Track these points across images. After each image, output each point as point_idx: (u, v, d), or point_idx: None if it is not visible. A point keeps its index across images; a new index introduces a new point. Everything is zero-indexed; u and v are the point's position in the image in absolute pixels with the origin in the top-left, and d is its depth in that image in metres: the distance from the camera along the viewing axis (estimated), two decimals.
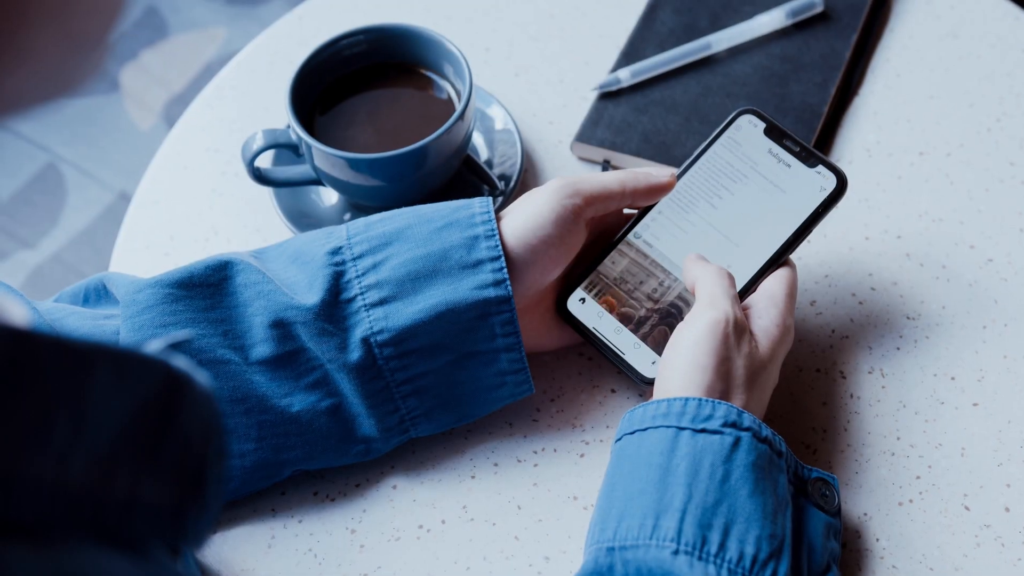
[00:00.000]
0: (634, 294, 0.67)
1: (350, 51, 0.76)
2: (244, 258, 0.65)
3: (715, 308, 0.62)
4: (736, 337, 0.61)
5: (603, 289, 0.67)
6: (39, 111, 0.31)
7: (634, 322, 0.66)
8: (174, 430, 0.32)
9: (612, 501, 0.58)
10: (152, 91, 1.77)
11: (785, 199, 0.67)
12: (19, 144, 1.72)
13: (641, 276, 0.67)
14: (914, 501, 0.64)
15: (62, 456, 0.28)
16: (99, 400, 0.30)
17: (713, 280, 0.64)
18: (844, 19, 0.84)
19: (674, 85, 0.81)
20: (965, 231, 0.74)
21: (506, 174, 0.77)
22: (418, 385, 0.64)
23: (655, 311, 0.66)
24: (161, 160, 0.84)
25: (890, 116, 0.80)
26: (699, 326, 0.61)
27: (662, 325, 0.66)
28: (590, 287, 0.67)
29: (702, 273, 0.64)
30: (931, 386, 0.68)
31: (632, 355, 0.66)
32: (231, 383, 0.63)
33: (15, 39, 0.26)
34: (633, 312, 0.66)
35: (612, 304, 0.67)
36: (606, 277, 0.67)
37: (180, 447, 0.33)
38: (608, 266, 0.67)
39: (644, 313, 0.66)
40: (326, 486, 0.66)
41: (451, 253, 0.64)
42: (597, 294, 0.67)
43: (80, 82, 0.30)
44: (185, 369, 0.33)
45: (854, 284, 0.72)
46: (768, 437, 0.59)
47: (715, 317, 0.61)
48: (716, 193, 0.68)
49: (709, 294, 0.63)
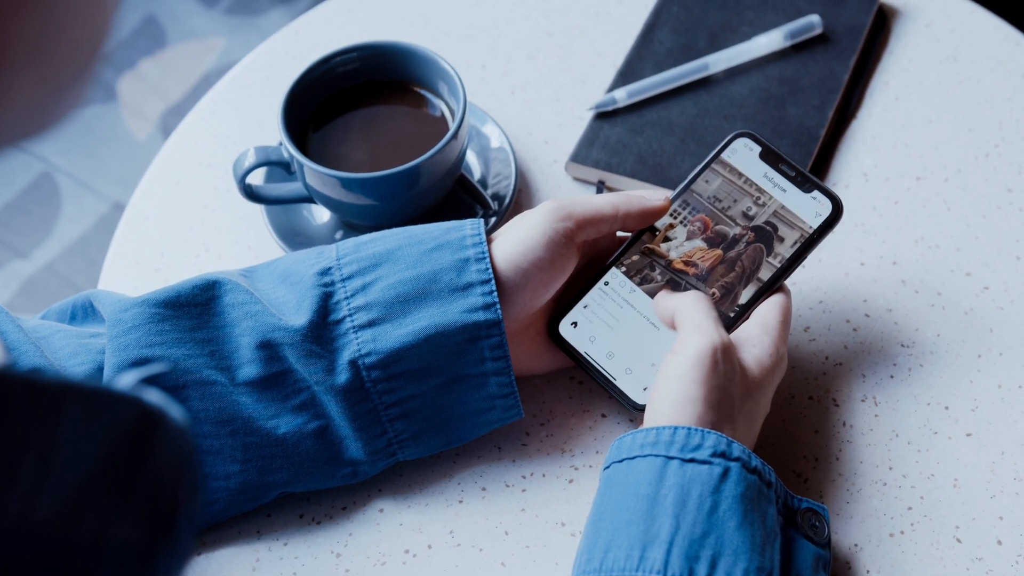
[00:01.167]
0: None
1: (344, 68, 0.75)
2: (232, 278, 0.64)
3: (702, 334, 0.61)
4: (725, 363, 0.60)
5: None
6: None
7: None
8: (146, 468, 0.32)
9: (599, 531, 0.58)
10: (149, 101, 1.77)
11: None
12: (14, 153, 1.72)
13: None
14: (905, 532, 0.63)
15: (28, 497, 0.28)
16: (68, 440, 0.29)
17: (693, 306, 0.63)
18: (843, 41, 0.83)
19: (671, 106, 0.81)
20: (962, 258, 0.74)
21: (500, 193, 0.77)
22: (406, 408, 0.63)
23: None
24: (153, 174, 0.83)
25: (888, 140, 0.80)
26: (688, 355, 0.60)
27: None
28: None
29: (679, 303, 0.64)
30: (924, 415, 0.67)
31: (623, 381, 0.65)
32: (216, 404, 0.62)
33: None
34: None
35: (707, 222, 0.66)
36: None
37: (152, 485, 0.32)
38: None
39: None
40: (312, 508, 0.66)
41: (441, 275, 0.63)
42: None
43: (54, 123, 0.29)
44: (159, 404, 0.32)
45: (849, 310, 0.72)
46: (758, 467, 0.58)
47: (703, 345, 0.60)
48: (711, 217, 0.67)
49: (693, 321, 0.62)
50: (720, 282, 0.66)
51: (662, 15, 0.86)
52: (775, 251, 0.65)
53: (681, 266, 0.66)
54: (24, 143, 0.29)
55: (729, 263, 0.66)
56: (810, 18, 0.83)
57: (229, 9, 1.87)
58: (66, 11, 0.27)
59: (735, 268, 0.66)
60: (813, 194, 0.66)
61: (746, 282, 0.65)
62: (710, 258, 0.66)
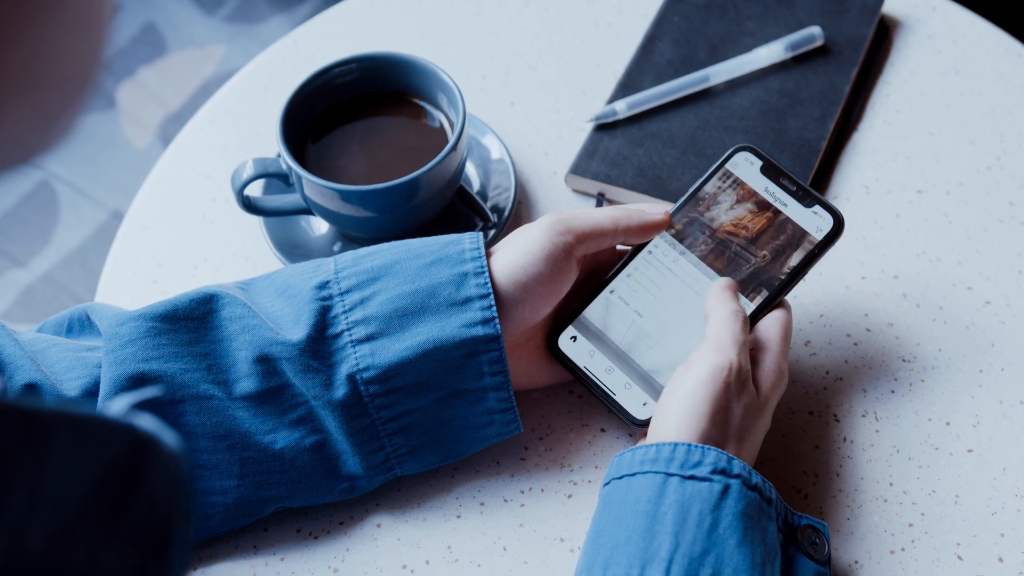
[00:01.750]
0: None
1: (342, 79, 0.75)
2: (230, 291, 0.64)
3: (720, 354, 0.60)
4: (737, 386, 0.60)
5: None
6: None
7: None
8: (138, 494, 0.31)
9: (598, 548, 0.57)
10: (149, 109, 1.77)
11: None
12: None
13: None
14: (906, 549, 0.63)
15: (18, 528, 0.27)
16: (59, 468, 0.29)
17: (724, 322, 0.62)
18: (844, 53, 0.83)
19: (671, 118, 0.80)
20: (963, 272, 0.73)
21: (499, 205, 0.76)
22: (404, 423, 0.63)
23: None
24: (152, 184, 0.83)
25: (889, 153, 0.79)
26: (701, 371, 0.60)
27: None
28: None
29: (717, 310, 0.63)
30: (925, 431, 0.67)
31: (623, 396, 0.65)
32: (214, 419, 0.62)
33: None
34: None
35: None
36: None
37: (144, 511, 0.31)
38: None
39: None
40: (309, 523, 0.65)
41: (439, 290, 0.63)
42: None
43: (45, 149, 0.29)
44: (151, 430, 0.32)
45: (849, 324, 0.71)
46: (758, 484, 0.58)
47: (718, 364, 0.60)
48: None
49: (717, 337, 0.61)
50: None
51: (662, 26, 0.86)
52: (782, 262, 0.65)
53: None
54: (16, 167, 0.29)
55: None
56: (811, 30, 0.83)
57: (229, 17, 1.86)
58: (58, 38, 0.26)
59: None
60: (814, 209, 0.66)
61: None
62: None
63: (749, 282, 0.65)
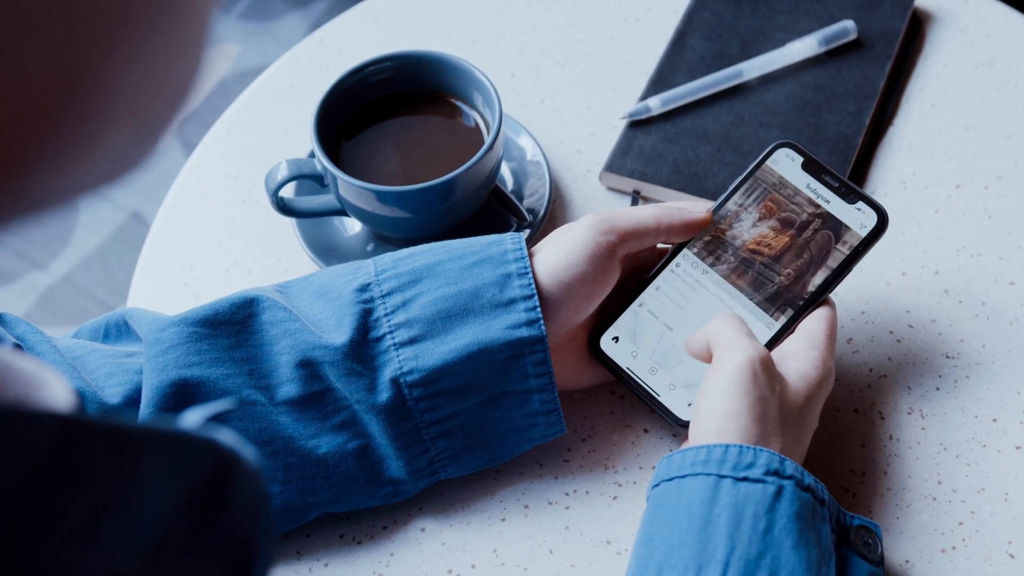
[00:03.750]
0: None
1: (376, 78, 0.74)
2: (269, 294, 0.63)
3: (740, 350, 0.60)
4: (766, 376, 0.59)
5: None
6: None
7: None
8: (222, 511, 0.31)
9: (651, 551, 0.56)
10: None
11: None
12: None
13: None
14: (957, 548, 0.62)
15: (112, 550, 0.27)
16: (149, 487, 0.28)
17: (724, 326, 0.62)
18: (878, 47, 0.82)
19: (705, 114, 0.80)
20: (1004, 267, 0.72)
21: (534, 205, 0.76)
22: (448, 426, 0.62)
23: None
24: (180, 187, 0.82)
25: (925, 147, 0.79)
26: (727, 371, 0.59)
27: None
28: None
29: (710, 328, 0.62)
30: (972, 428, 0.66)
31: (667, 396, 0.64)
32: (257, 424, 0.61)
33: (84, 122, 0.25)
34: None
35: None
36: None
37: (228, 529, 0.31)
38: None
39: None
40: (353, 528, 0.65)
41: (483, 291, 0.62)
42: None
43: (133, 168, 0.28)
44: (233, 446, 0.31)
45: (892, 321, 0.71)
46: (811, 485, 0.57)
47: (741, 360, 0.59)
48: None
49: (726, 339, 0.61)
50: (791, 267, 0.65)
51: (693, 21, 0.85)
52: (844, 238, 0.64)
53: (753, 247, 0.65)
54: (104, 189, 0.28)
55: (799, 248, 0.65)
56: (844, 23, 0.82)
57: (243, 14, 1.85)
58: (161, 56, 0.26)
59: (804, 254, 0.65)
60: (857, 205, 0.65)
61: (816, 268, 0.64)
62: (780, 243, 0.65)
63: (818, 253, 0.64)
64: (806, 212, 0.65)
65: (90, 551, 0.26)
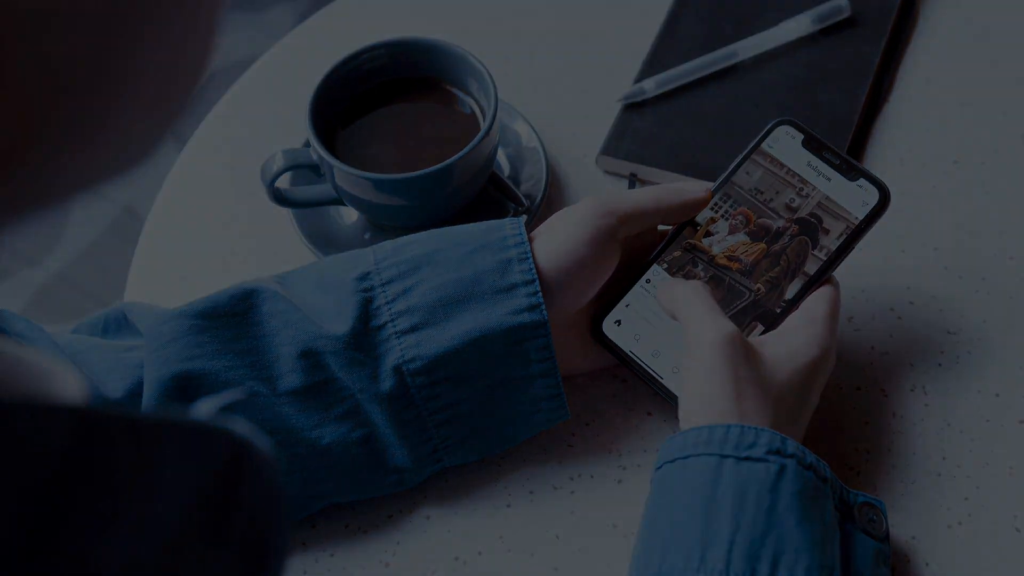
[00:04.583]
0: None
1: (371, 65, 0.74)
2: (269, 285, 0.63)
3: (709, 330, 0.60)
4: (739, 353, 0.59)
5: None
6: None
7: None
8: (239, 502, 0.30)
9: (655, 533, 0.56)
10: None
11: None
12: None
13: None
14: (963, 523, 0.62)
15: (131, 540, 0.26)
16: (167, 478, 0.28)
17: (692, 301, 0.62)
18: (871, 24, 0.82)
19: (700, 95, 0.79)
20: (1003, 242, 0.72)
21: (531, 190, 0.75)
22: (451, 413, 0.62)
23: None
24: (174, 179, 0.82)
25: (922, 124, 0.78)
26: (704, 354, 0.59)
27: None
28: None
29: (679, 296, 0.63)
30: (975, 403, 0.66)
31: (670, 379, 0.64)
32: (260, 416, 0.61)
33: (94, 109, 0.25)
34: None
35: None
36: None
37: (245, 519, 0.31)
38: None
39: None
40: (358, 518, 0.64)
41: (483, 277, 0.62)
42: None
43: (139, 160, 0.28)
44: (247, 435, 0.31)
45: (892, 298, 0.71)
46: (813, 463, 0.57)
47: (716, 339, 0.59)
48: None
49: (696, 318, 0.61)
50: (765, 277, 0.64)
51: (686, 2, 0.84)
52: (821, 243, 0.64)
53: (724, 261, 0.65)
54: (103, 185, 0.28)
55: (773, 257, 0.65)
56: (837, 1, 0.82)
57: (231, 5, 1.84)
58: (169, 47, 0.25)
59: (780, 262, 0.64)
60: (859, 182, 0.65)
61: (791, 276, 0.64)
62: (754, 252, 0.65)
63: (794, 261, 0.64)
64: (806, 192, 0.65)
65: (110, 541, 0.26)
